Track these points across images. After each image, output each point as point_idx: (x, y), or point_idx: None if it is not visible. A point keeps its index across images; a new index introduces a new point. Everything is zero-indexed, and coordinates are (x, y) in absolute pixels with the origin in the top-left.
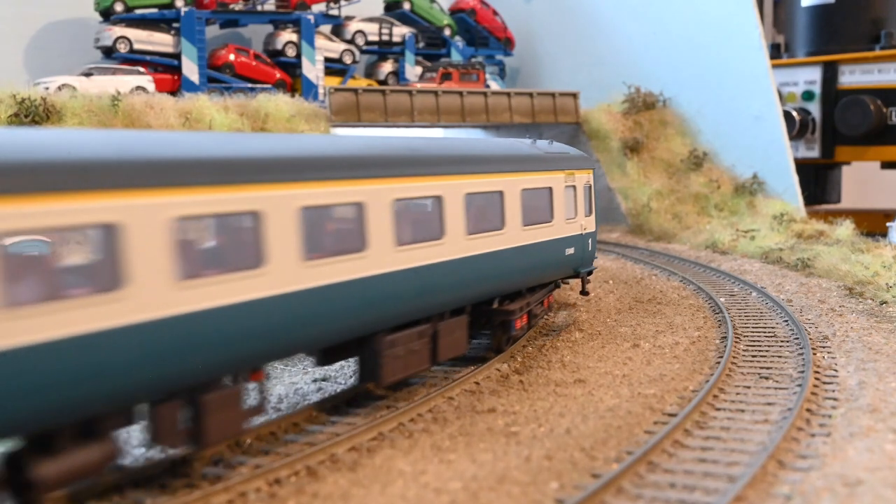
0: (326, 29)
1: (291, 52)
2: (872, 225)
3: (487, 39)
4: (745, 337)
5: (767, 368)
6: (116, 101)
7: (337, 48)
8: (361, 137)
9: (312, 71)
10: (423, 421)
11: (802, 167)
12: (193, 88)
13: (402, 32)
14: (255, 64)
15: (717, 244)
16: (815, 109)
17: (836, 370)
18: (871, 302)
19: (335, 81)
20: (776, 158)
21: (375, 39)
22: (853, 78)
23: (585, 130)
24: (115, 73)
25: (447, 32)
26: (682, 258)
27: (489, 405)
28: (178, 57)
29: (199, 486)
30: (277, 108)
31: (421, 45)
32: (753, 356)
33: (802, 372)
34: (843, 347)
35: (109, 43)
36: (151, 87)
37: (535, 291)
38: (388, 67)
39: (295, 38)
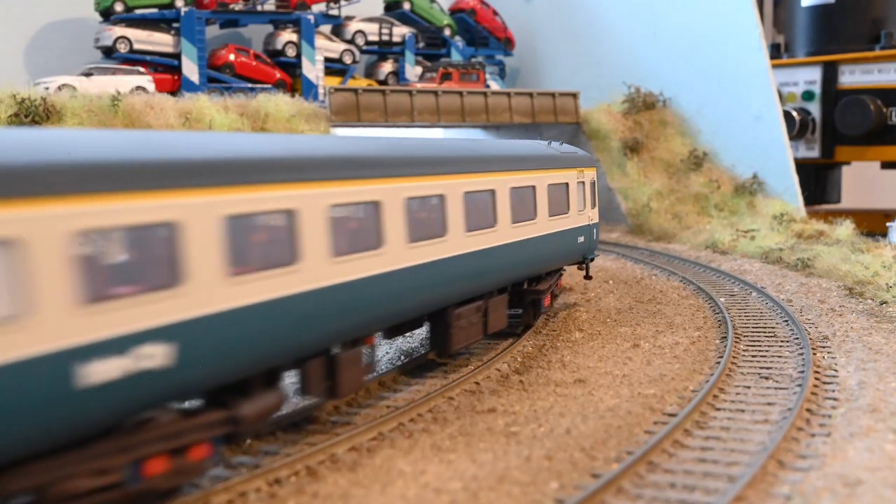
0: (326, 29)
1: (291, 52)
2: (872, 225)
3: (487, 39)
4: (745, 337)
5: (767, 368)
6: (116, 101)
7: (337, 48)
8: (422, 139)
9: (312, 71)
10: (423, 421)
11: (802, 167)
12: (193, 88)
13: (402, 32)
14: (255, 64)
15: (717, 244)
16: (815, 109)
17: (836, 370)
18: (871, 302)
19: (335, 81)
20: (776, 158)
21: (375, 39)
22: (853, 78)
23: (585, 130)
24: (115, 73)
25: (447, 32)
26: (682, 258)
27: (489, 405)
28: (178, 57)
29: (199, 485)
30: (277, 108)
31: (421, 45)
32: (753, 356)
33: (802, 372)
34: (843, 347)
35: (109, 43)
36: (151, 87)
37: (551, 276)
38: (388, 67)
39: (295, 38)
